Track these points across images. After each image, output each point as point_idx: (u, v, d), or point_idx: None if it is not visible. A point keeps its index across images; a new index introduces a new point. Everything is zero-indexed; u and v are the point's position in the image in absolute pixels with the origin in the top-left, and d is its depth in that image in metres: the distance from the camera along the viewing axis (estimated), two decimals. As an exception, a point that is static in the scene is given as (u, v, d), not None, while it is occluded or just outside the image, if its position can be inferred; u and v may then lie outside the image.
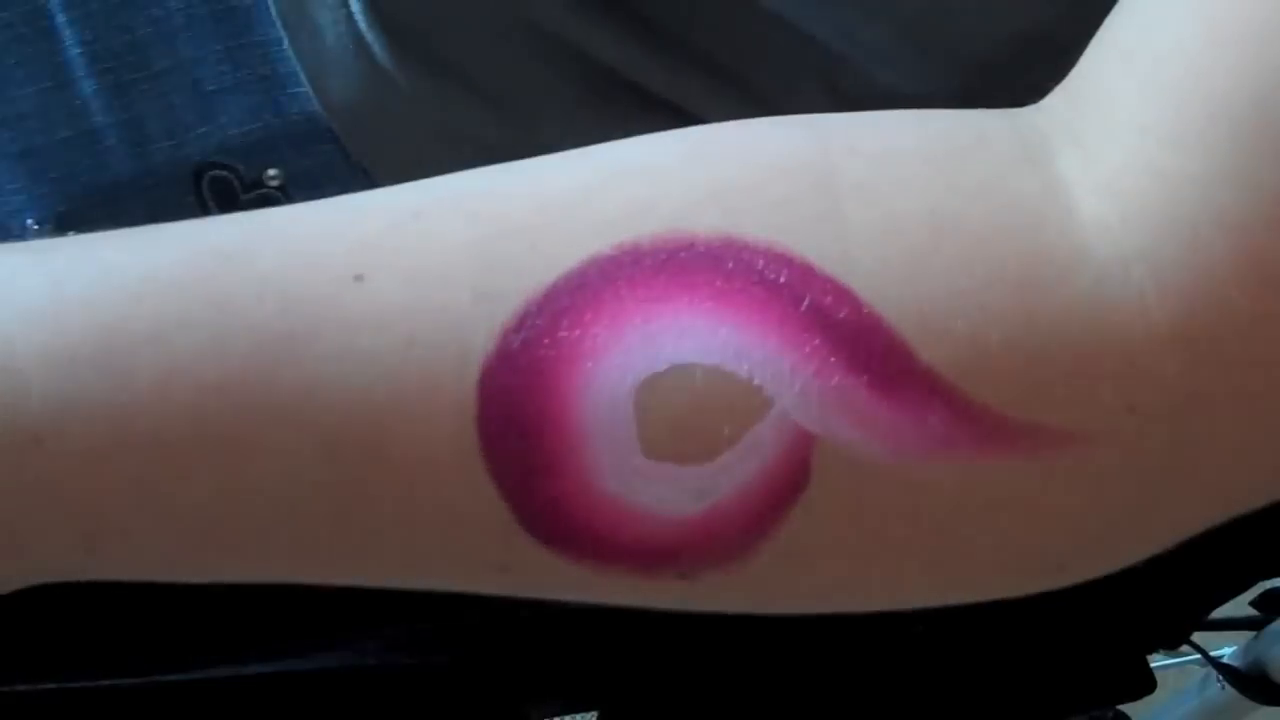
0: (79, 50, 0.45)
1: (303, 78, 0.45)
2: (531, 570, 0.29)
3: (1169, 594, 0.61)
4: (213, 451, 0.28)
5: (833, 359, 0.28)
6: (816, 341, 0.28)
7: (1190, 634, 0.69)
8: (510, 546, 0.29)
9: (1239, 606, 0.74)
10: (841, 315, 0.28)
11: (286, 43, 0.45)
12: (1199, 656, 0.78)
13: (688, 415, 0.28)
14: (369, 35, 0.44)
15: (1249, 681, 0.79)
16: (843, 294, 0.28)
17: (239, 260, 0.29)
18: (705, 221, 0.29)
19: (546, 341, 0.28)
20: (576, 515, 0.28)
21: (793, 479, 0.28)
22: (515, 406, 0.28)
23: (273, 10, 0.45)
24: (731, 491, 0.28)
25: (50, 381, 0.28)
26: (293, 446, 0.28)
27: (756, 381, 0.28)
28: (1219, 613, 0.66)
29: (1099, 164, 0.29)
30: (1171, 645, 0.70)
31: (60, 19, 0.45)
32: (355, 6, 0.44)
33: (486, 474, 0.28)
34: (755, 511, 0.28)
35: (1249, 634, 0.81)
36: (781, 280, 0.28)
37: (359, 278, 0.28)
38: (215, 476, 0.28)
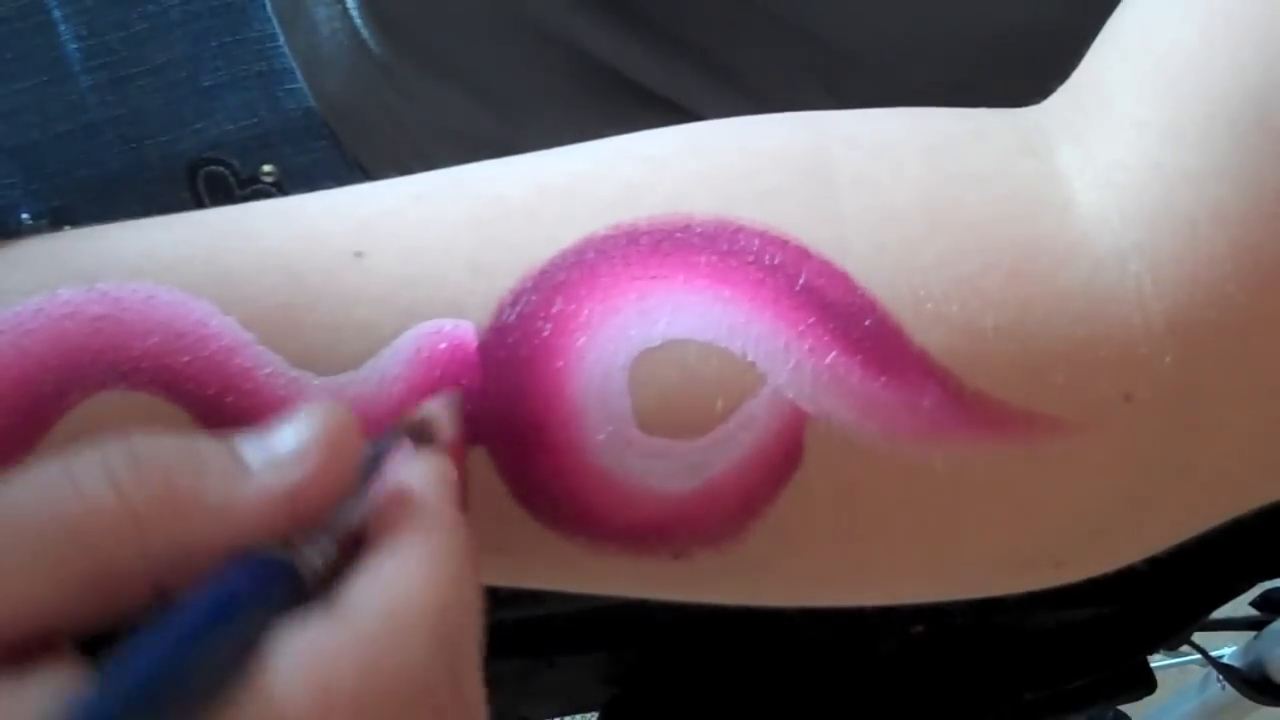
0: (76, 45, 0.45)
1: (298, 74, 0.45)
2: (526, 550, 0.29)
3: (1169, 594, 0.61)
4: None
5: (826, 337, 0.28)
6: (811, 320, 0.28)
7: (1190, 634, 0.69)
8: (506, 523, 0.29)
9: (1239, 606, 0.74)
10: (835, 295, 0.28)
11: (282, 39, 0.45)
12: (1199, 656, 0.78)
13: (681, 390, 0.28)
14: (365, 31, 0.44)
15: (1249, 681, 0.79)
16: (837, 276, 0.28)
17: (241, 238, 0.29)
18: (701, 205, 0.29)
19: (542, 316, 0.28)
20: (571, 489, 0.28)
21: (785, 457, 0.28)
22: (510, 379, 0.28)
23: (268, 7, 0.45)
24: (725, 468, 0.28)
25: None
26: None
27: (750, 358, 0.28)
28: (1219, 613, 0.66)
29: (1098, 158, 0.29)
30: (1171, 645, 0.70)
31: (57, 14, 0.45)
32: (351, 3, 0.44)
33: (482, 447, 0.28)
34: (748, 489, 0.28)
35: (1249, 634, 0.80)
36: (776, 261, 0.28)
37: (359, 254, 0.29)
38: None
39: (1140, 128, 0.29)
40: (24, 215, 0.46)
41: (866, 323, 0.28)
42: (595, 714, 0.64)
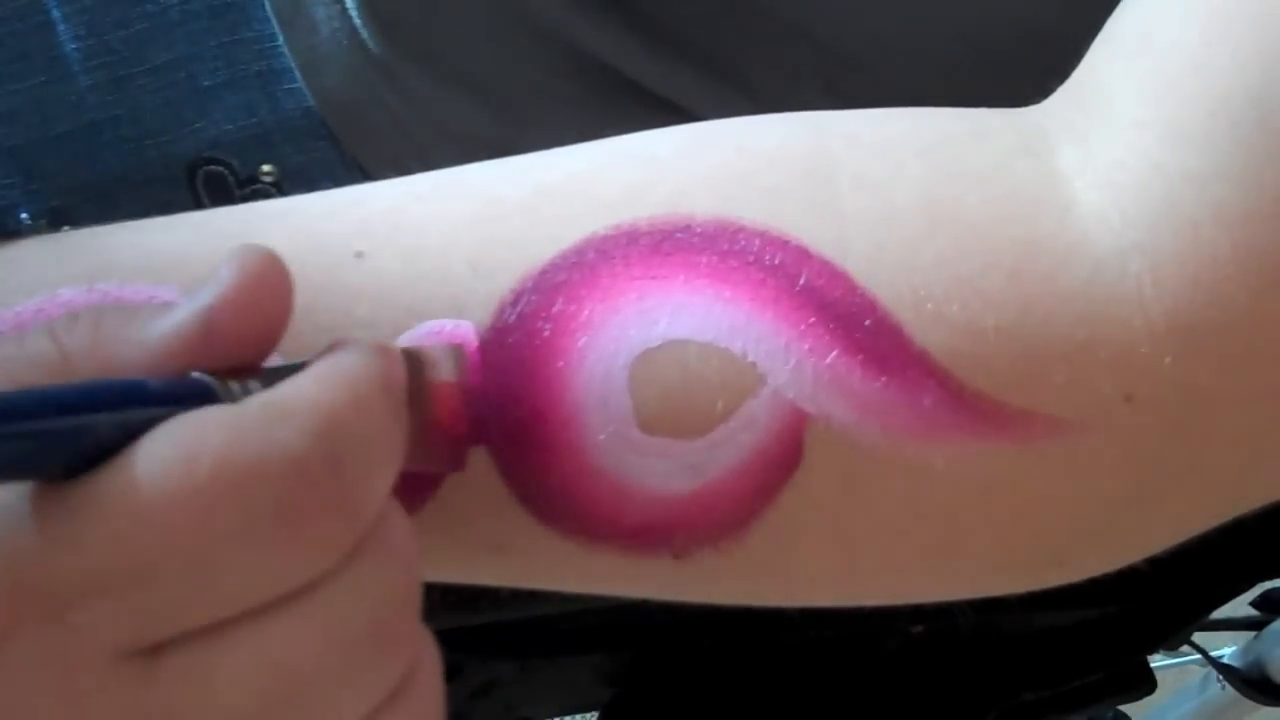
0: (75, 45, 0.45)
1: (297, 73, 0.45)
2: (526, 550, 0.29)
3: (1169, 594, 0.61)
4: None
5: (827, 337, 0.28)
6: (811, 320, 0.28)
7: (1190, 634, 0.69)
8: (505, 523, 0.29)
9: (1239, 606, 0.74)
10: (836, 295, 0.28)
11: (282, 39, 0.45)
12: (1199, 656, 0.78)
13: (681, 390, 0.28)
14: (364, 31, 0.44)
15: (1249, 681, 0.79)
16: (837, 276, 0.28)
17: (241, 238, 0.29)
18: (701, 205, 0.29)
19: (542, 315, 0.28)
20: (570, 489, 0.28)
21: (785, 457, 0.28)
22: (510, 379, 0.28)
23: (268, 6, 0.45)
24: (725, 468, 0.28)
25: None
26: None
27: (750, 358, 0.28)
28: (1219, 613, 0.66)
29: (1098, 158, 0.29)
30: (1171, 645, 0.70)
31: (57, 14, 0.45)
32: (350, 3, 0.44)
33: (483, 447, 0.28)
34: (748, 489, 0.28)
35: (1249, 634, 0.80)
36: (777, 261, 0.28)
37: (360, 254, 0.29)
38: None
39: (1141, 128, 0.29)
40: (24, 215, 0.46)
41: (867, 323, 0.28)
42: (595, 714, 0.64)
